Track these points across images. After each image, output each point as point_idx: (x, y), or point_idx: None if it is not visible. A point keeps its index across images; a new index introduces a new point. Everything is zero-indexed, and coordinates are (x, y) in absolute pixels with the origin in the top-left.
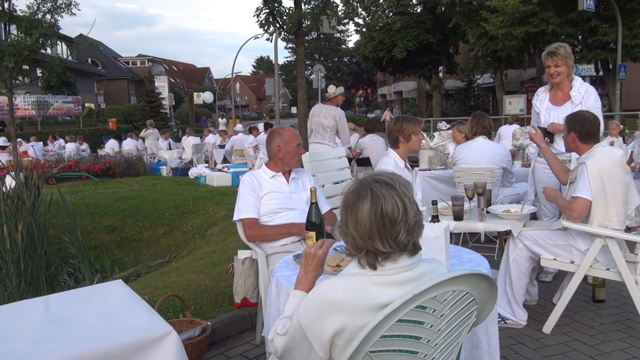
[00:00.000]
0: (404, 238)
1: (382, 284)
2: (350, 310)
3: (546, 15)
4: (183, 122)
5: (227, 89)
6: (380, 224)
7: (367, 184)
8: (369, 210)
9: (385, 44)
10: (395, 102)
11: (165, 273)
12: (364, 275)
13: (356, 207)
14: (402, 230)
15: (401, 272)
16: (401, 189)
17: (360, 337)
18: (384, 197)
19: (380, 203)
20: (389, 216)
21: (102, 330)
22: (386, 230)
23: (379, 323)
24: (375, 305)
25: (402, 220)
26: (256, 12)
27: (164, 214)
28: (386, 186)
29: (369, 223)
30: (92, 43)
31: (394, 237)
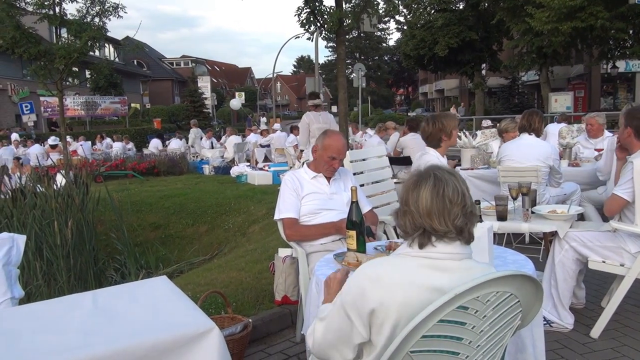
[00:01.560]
0: (461, 221)
1: (424, 266)
2: (390, 285)
3: (595, 10)
4: (225, 122)
5: (268, 88)
6: (441, 203)
7: (430, 170)
8: (432, 189)
9: (427, 41)
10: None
11: (207, 270)
12: (408, 255)
13: (418, 187)
14: (459, 213)
15: (446, 259)
16: (460, 179)
17: (401, 336)
18: (445, 180)
19: (443, 184)
20: (449, 197)
21: (147, 324)
22: (445, 209)
23: (420, 323)
24: (415, 283)
25: (460, 203)
26: (297, 12)
27: (206, 211)
28: (448, 173)
29: (430, 201)
30: (138, 45)
31: (452, 218)
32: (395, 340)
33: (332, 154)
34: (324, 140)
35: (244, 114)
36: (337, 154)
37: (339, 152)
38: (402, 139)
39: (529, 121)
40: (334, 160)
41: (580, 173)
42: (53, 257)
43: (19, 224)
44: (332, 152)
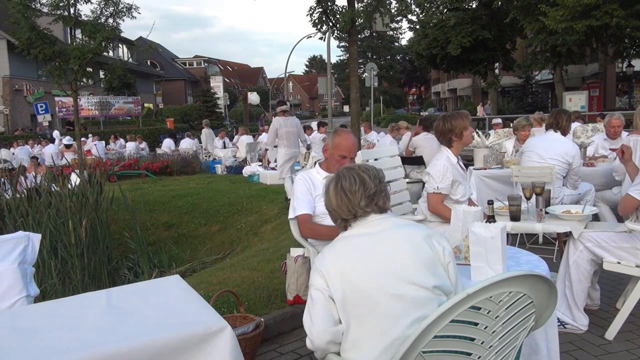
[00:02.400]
0: (365, 202)
1: (360, 235)
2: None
3: (610, 8)
4: (237, 122)
5: (280, 88)
6: (343, 196)
7: (336, 173)
8: (334, 188)
9: (439, 40)
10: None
11: (219, 269)
12: (342, 237)
13: (327, 190)
14: (362, 197)
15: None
16: (361, 169)
17: (414, 336)
18: (343, 176)
19: (341, 181)
20: (347, 188)
21: (160, 323)
22: (348, 199)
23: (432, 323)
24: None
25: (360, 190)
26: (309, 12)
27: (219, 211)
28: (348, 168)
29: (334, 198)
30: (151, 45)
31: (356, 202)
32: (407, 341)
33: (343, 152)
34: (334, 139)
35: (256, 114)
36: (347, 153)
37: (348, 151)
38: (414, 139)
39: (556, 119)
40: (344, 159)
41: (594, 173)
42: (67, 255)
43: (34, 223)
44: (342, 151)
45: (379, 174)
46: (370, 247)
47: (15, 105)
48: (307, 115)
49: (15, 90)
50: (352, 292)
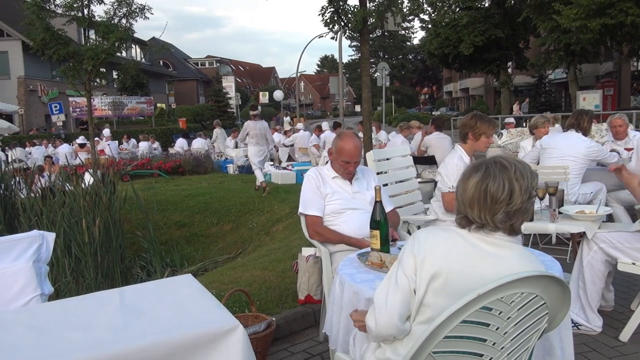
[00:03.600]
0: (501, 218)
1: (478, 239)
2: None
3: (625, 6)
4: None
5: (291, 88)
6: (482, 198)
7: (486, 161)
8: (476, 183)
9: (452, 40)
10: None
11: (231, 268)
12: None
13: (468, 177)
14: (501, 210)
15: (496, 239)
16: (515, 175)
17: (424, 336)
18: (494, 176)
19: (489, 180)
20: (491, 193)
21: (173, 322)
22: (486, 204)
23: (442, 323)
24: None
25: (504, 202)
26: (321, 11)
27: (231, 210)
28: (501, 167)
29: (472, 193)
30: (164, 45)
31: (492, 213)
32: (417, 341)
33: (345, 158)
34: (337, 144)
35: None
36: (349, 158)
37: (351, 156)
38: (426, 138)
39: (577, 120)
40: (348, 164)
41: (608, 173)
42: (81, 254)
43: (48, 222)
44: (345, 156)
45: (533, 183)
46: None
47: (30, 106)
48: (319, 115)
49: (30, 91)
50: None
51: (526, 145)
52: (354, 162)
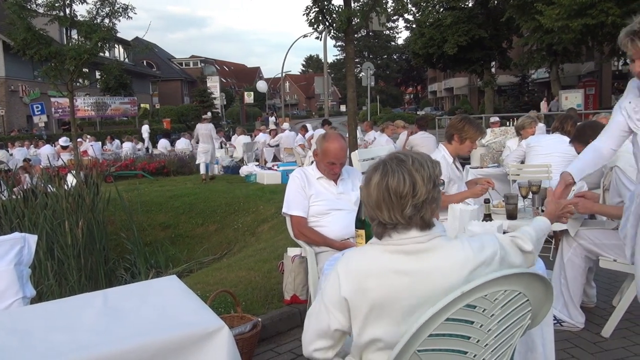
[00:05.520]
0: (410, 212)
1: (389, 252)
2: (358, 273)
3: (606, 7)
4: (234, 122)
5: (276, 88)
6: (387, 196)
7: (382, 160)
8: (377, 183)
9: (436, 39)
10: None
11: (217, 269)
12: (377, 244)
13: (370, 180)
14: (408, 205)
15: (410, 244)
16: (414, 166)
17: (408, 335)
18: (392, 171)
19: (388, 177)
20: (393, 189)
21: (157, 323)
22: (392, 202)
23: (426, 321)
24: (381, 268)
25: (408, 195)
26: (306, 11)
27: (216, 211)
28: (398, 161)
29: (376, 195)
30: (147, 45)
31: (400, 209)
32: (402, 339)
33: (330, 159)
34: (323, 145)
35: (253, 114)
36: (335, 159)
37: (336, 157)
38: (411, 138)
39: (561, 124)
40: (333, 165)
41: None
42: (64, 256)
43: (30, 224)
44: (330, 157)
45: (435, 171)
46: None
47: (11, 106)
48: (304, 115)
49: (11, 91)
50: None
51: (511, 145)
52: (339, 163)
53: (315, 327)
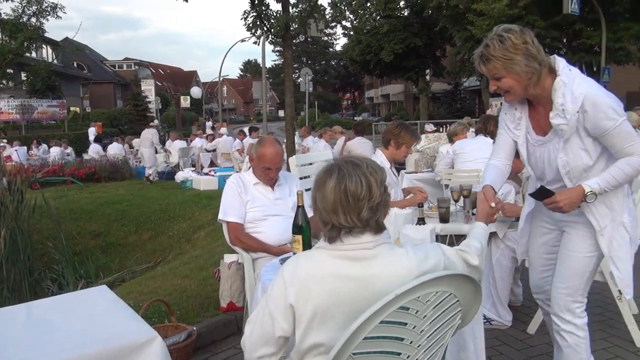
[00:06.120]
0: (367, 214)
1: (336, 257)
2: (304, 278)
3: (532, 19)
4: (170, 126)
5: (214, 92)
6: (344, 199)
7: (336, 163)
8: (334, 186)
9: (373, 47)
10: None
11: (150, 278)
12: (323, 249)
13: (324, 184)
14: (365, 207)
15: (358, 249)
16: (368, 170)
17: (343, 339)
18: (349, 174)
19: (345, 180)
20: (351, 192)
21: (86, 336)
22: (349, 205)
23: (362, 324)
24: (327, 274)
25: (365, 198)
26: (243, 16)
27: (150, 218)
28: (353, 165)
29: (333, 198)
30: (78, 46)
31: (357, 212)
32: (338, 344)
33: (266, 164)
34: (258, 150)
35: (189, 118)
36: (270, 164)
37: (272, 162)
38: (349, 143)
39: (485, 125)
40: (269, 171)
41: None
42: None
43: None
44: (266, 162)
45: (384, 176)
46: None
47: None
48: (242, 120)
49: None
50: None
51: (444, 151)
52: (275, 168)
53: (259, 334)
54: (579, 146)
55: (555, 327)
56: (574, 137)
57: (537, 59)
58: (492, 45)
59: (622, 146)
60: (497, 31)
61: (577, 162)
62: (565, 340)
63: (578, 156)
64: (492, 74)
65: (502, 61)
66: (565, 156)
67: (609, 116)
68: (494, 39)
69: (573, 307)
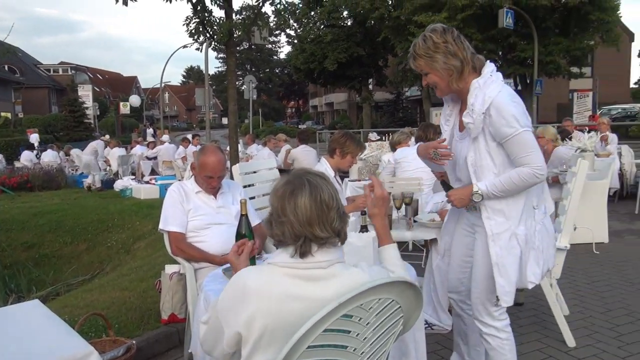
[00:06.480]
0: (337, 224)
1: (292, 276)
2: (257, 295)
3: (469, 32)
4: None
5: (155, 98)
6: (320, 210)
7: (300, 176)
8: (309, 197)
9: (317, 55)
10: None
11: (87, 291)
12: (277, 265)
13: (295, 195)
14: (335, 217)
15: (312, 269)
16: (324, 180)
17: (287, 348)
18: (320, 186)
19: (319, 191)
20: (326, 202)
21: (16, 354)
22: (324, 215)
23: (305, 333)
24: (281, 293)
25: (334, 207)
26: (186, 21)
27: (87, 228)
28: (315, 175)
29: (309, 209)
30: (9, 49)
31: (330, 222)
32: (282, 352)
33: (208, 172)
34: (200, 158)
35: (129, 125)
36: (212, 173)
37: (214, 171)
38: (293, 151)
39: (425, 132)
40: (211, 179)
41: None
42: None
43: None
44: (208, 171)
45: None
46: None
47: None
48: (184, 127)
49: None
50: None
51: (386, 159)
52: (217, 177)
53: (213, 337)
54: (484, 147)
55: (479, 332)
56: (481, 137)
57: (457, 56)
58: (417, 44)
59: (518, 155)
60: (425, 31)
61: (482, 162)
62: (489, 344)
63: (483, 157)
64: (419, 70)
65: (425, 59)
66: (473, 154)
67: (509, 124)
68: (420, 38)
69: (491, 311)
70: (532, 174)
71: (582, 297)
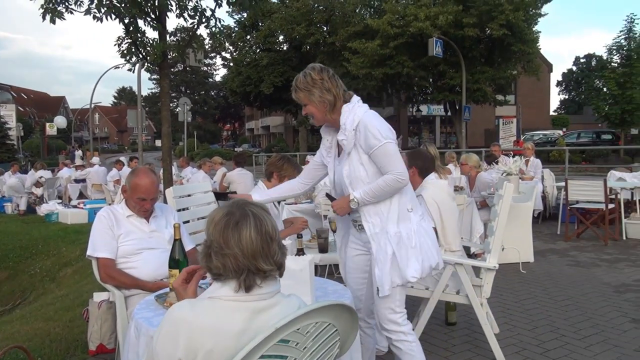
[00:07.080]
0: (279, 257)
1: (237, 310)
2: (200, 331)
3: (401, 59)
4: (33, 155)
5: (85, 119)
6: (264, 243)
7: (242, 207)
8: (254, 229)
9: (253, 79)
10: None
11: (7, 322)
12: (220, 299)
13: (239, 227)
14: (277, 249)
15: (259, 300)
16: (270, 213)
17: None
18: (263, 218)
19: (263, 223)
20: (269, 234)
21: None
22: (267, 247)
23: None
24: (228, 329)
25: (275, 238)
26: (117, 42)
27: (7, 255)
28: (261, 209)
29: (255, 242)
30: None
31: (273, 255)
32: None
33: (140, 194)
34: (132, 180)
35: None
36: (145, 195)
37: (147, 193)
38: (229, 174)
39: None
40: (143, 202)
41: None
42: None
43: None
44: (140, 192)
45: None
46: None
47: None
48: (115, 149)
49: None
50: None
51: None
52: (150, 199)
53: None
54: (357, 160)
55: (388, 341)
56: (354, 152)
57: (331, 92)
58: (299, 78)
59: (383, 164)
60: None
61: (356, 174)
62: (400, 349)
63: (357, 169)
64: (299, 101)
65: (304, 92)
66: (348, 167)
67: (375, 136)
68: (301, 74)
69: (395, 318)
70: (395, 179)
71: (511, 315)
